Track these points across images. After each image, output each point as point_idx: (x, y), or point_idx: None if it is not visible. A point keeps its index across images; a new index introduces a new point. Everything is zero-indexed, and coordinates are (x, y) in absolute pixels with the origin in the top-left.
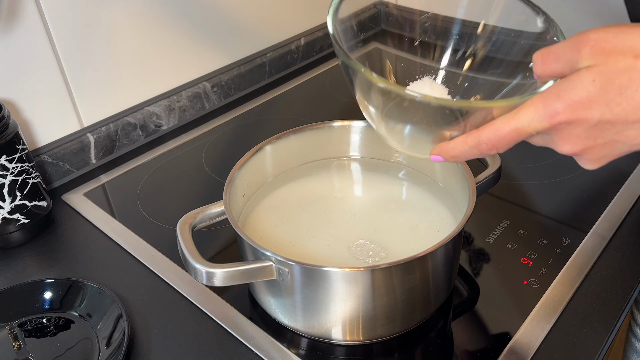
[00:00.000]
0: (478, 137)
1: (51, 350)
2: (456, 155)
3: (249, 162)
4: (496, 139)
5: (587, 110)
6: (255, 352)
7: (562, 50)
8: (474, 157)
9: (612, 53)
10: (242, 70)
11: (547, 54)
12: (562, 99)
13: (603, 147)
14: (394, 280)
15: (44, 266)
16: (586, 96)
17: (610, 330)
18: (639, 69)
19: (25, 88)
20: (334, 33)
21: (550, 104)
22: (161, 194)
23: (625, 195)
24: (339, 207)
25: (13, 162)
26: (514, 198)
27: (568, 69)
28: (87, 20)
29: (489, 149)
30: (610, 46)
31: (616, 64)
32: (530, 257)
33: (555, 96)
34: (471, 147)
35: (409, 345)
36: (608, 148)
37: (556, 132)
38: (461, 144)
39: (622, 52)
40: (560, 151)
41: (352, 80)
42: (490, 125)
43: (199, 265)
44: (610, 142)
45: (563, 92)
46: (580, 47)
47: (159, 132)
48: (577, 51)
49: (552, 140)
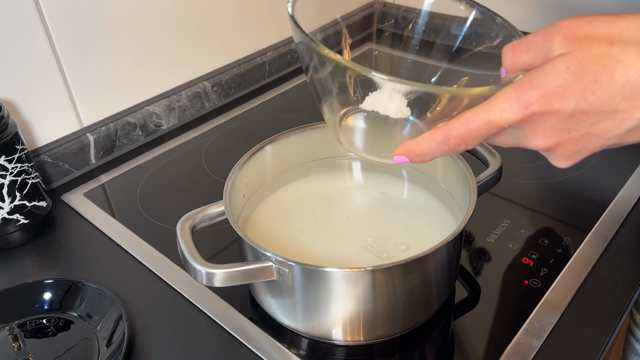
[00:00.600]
0: (446, 131)
1: (51, 351)
2: (422, 153)
3: (249, 162)
4: (466, 132)
5: (562, 100)
6: (256, 353)
7: (533, 40)
8: (442, 154)
9: (585, 39)
10: (242, 70)
11: (518, 45)
12: (535, 87)
13: (577, 141)
14: (395, 281)
15: (44, 267)
16: (561, 84)
17: (612, 330)
18: (614, 55)
19: (24, 88)
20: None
21: (523, 93)
22: (161, 194)
23: (626, 194)
24: (340, 207)
25: (12, 162)
26: (515, 198)
27: (540, 59)
28: (87, 20)
29: (457, 144)
30: (583, 33)
31: (590, 51)
32: (531, 257)
33: (529, 85)
34: (439, 143)
35: (410, 346)
36: (582, 142)
37: (529, 125)
38: (428, 139)
39: (596, 38)
40: (532, 146)
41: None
42: (459, 117)
43: (199, 266)
44: (585, 134)
45: (537, 80)
46: (553, 35)
47: (158, 132)
48: (550, 39)
49: (524, 135)
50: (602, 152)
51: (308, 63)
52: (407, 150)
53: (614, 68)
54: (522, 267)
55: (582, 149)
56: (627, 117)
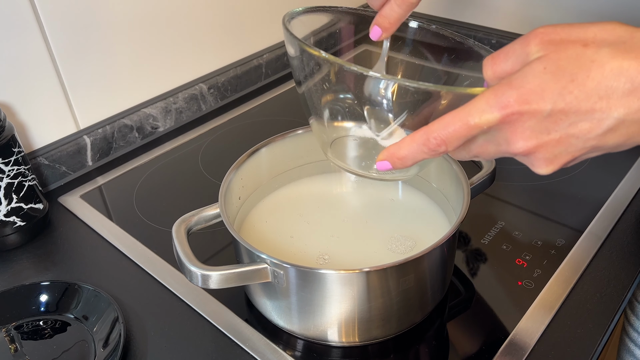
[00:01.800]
0: (427, 132)
1: (47, 353)
2: (404, 156)
3: (244, 164)
4: (446, 133)
5: (540, 100)
6: (251, 354)
7: (511, 48)
8: (423, 157)
9: (561, 43)
10: (239, 72)
11: (497, 55)
12: (513, 87)
13: (557, 143)
14: (389, 282)
15: (40, 269)
16: (538, 84)
17: (604, 330)
18: (588, 55)
19: (21, 90)
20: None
21: (501, 93)
22: (158, 196)
23: (619, 195)
24: (335, 209)
25: (9, 164)
26: (509, 199)
27: (519, 64)
28: (83, 22)
29: (438, 145)
30: (558, 37)
31: (566, 52)
32: (525, 258)
33: (507, 86)
34: (419, 145)
35: (404, 347)
36: (562, 144)
37: (508, 127)
38: (408, 142)
39: (571, 41)
40: (513, 151)
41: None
42: (439, 119)
43: (194, 268)
44: (564, 136)
45: (515, 81)
46: (530, 41)
47: (155, 134)
48: (527, 45)
49: (504, 139)
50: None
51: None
52: (389, 154)
53: (589, 67)
54: (515, 268)
55: (562, 152)
56: (604, 117)
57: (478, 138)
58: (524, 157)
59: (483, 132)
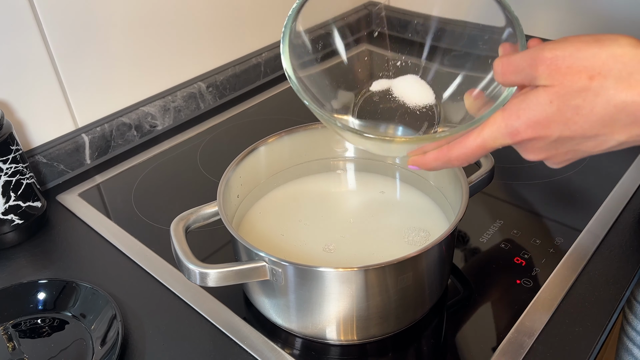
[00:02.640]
0: (448, 155)
1: (45, 351)
2: (431, 168)
3: (243, 162)
4: (464, 155)
5: (547, 129)
6: (250, 353)
7: (520, 65)
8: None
9: (567, 74)
10: (237, 71)
11: (507, 66)
12: (521, 119)
13: (565, 154)
14: (387, 280)
15: (38, 267)
16: (545, 117)
17: (603, 329)
18: (594, 89)
19: (19, 88)
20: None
21: (511, 123)
22: (156, 195)
23: (618, 194)
24: (333, 207)
25: (7, 162)
26: (507, 198)
27: (527, 82)
28: (82, 20)
29: (460, 163)
30: (565, 66)
31: (572, 85)
32: (523, 256)
33: (516, 116)
34: (443, 163)
35: (402, 345)
36: (570, 154)
37: (519, 146)
38: (434, 160)
39: (578, 72)
40: (525, 158)
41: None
42: (459, 143)
43: (193, 266)
44: (571, 150)
45: (522, 112)
46: (537, 65)
47: (153, 133)
48: (534, 68)
49: (517, 149)
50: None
51: None
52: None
53: (593, 102)
54: (514, 266)
55: (570, 158)
56: (607, 140)
57: None
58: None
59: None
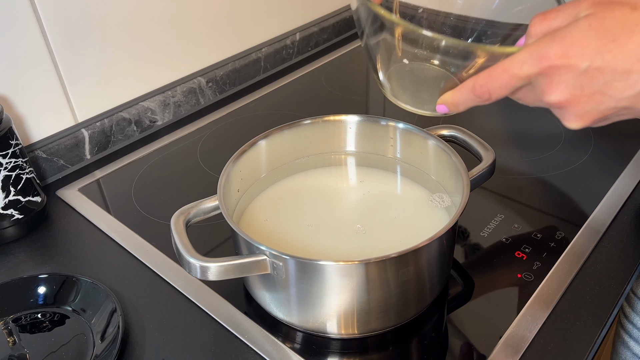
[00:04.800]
0: (473, 81)
1: (46, 346)
2: (456, 101)
3: (243, 156)
4: (489, 80)
5: (579, 55)
6: (250, 347)
7: (562, 7)
8: (473, 103)
9: (610, 3)
10: (237, 66)
11: (549, 12)
12: (555, 41)
13: (589, 99)
14: (388, 274)
15: (38, 261)
16: (580, 39)
17: (603, 323)
18: (634, 19)
19: (18, 83)
20: None
21: (543, 46)
22: (156, 189)
23: (618, 189)
24: (334, 202)
25: (6, 157)
26: (508, 192)
27: (567, 22)
28: (81, 14)
29: (483, 92)
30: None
31: (613, 12)
32: (524, 250)
33: (550, 40)
34: (467, 90)
35: (403, 339)
36: (594, 101)
37: (545, 78)
38: (458, 89)
39: (621, 3)
40: (547, 101)
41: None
42: (486, 71)
43: (193, 260)
44: (597, 92)
45: (558, 35)
46: (581, 2)
47: (153, 128)
48: (577, 5)
49: (541, 90)
50: (595, 145)
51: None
52: (445, 100)
53: (632, 30)
54: (515, 260)
55: (593, 109)
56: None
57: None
58: (556, 110)
59: (525, 83)
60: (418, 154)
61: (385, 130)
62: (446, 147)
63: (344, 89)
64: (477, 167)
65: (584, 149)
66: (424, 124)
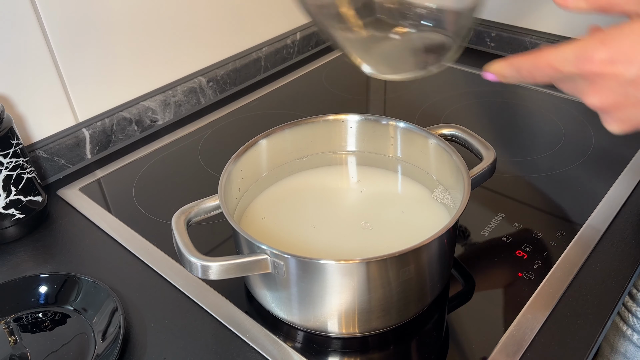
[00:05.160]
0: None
1: (47, 345)
2: (506, 75)
3: (244, 156)
4: (534, 69)
5: (627, 63)
6: (251, 346)
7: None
8: (519, 81)
9: None
10: (238, 65)
11: None
12: (605, 45)
13: (633, 107)
14: (389, 273)
15: (39, 261)
16: (631, 46)
17: (604, 322)
18: None
19: (19, 82)
20: None
21: (589, 49)
22: (157, 189)
23: (619, 188)
24: (334, 201)
25: (7, 157)
26: (508, 191)
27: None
28: (82, 14)
29: (527, 76)
30: None
31: None
32: (525, 249)
33: (599, 42)
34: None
35: (404, 338)
36: (638, 108)
37: (588, 82)
38: (509, 65)
39: None
40: (588, 103)
41: None
42: (534, 54)
43: (194, 259)
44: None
45: (608, 38)
46: None
47: (154, 127)
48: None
49: (582, 89)
50: (596, 146)
51: None
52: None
53: None
54: (516, 260)
55: (636, 115)
56: None
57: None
58: (597, 111)
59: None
60: (419, 153)
61: (385, 129)
62: (447, 146)
63: (345, 88)
64: (477, 166)
65: (584, 148)
66: (424, 123)
